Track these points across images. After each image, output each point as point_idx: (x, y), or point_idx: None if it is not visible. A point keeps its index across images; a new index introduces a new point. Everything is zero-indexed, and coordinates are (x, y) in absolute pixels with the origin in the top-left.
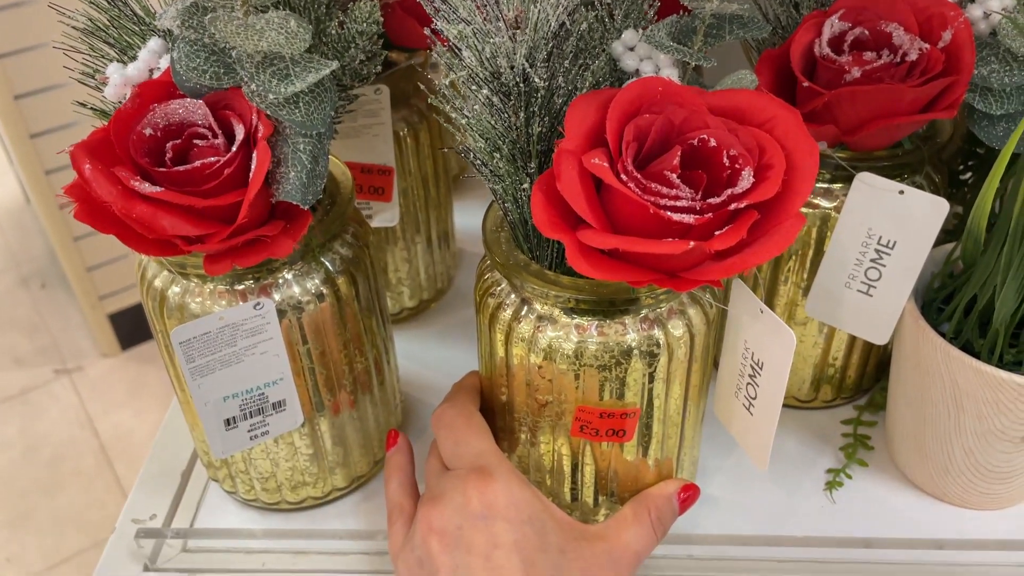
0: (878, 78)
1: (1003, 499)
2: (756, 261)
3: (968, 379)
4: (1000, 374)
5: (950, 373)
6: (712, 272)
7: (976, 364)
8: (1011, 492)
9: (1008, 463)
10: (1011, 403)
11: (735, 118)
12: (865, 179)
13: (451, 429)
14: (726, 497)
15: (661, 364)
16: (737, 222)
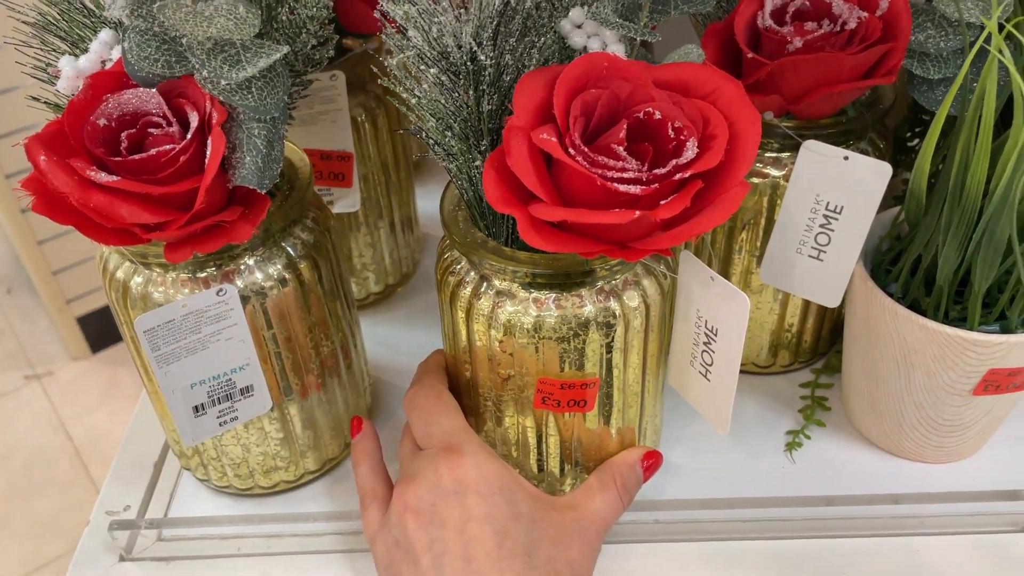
0: (819, 47)
1: (956, 452)
2: (702, 228)
3: (916, 336)
4: (945, 330)
5: (898, 331)
6: (661, 241)
7: (922, 321)
8: (963, 445)
9: (958, 416)
10: (957, 357)
11: (680, 91)
12: (811, 146)
13: (421, 410)
14: (689, 463)
15: (618, 334)
16: (682, 191)
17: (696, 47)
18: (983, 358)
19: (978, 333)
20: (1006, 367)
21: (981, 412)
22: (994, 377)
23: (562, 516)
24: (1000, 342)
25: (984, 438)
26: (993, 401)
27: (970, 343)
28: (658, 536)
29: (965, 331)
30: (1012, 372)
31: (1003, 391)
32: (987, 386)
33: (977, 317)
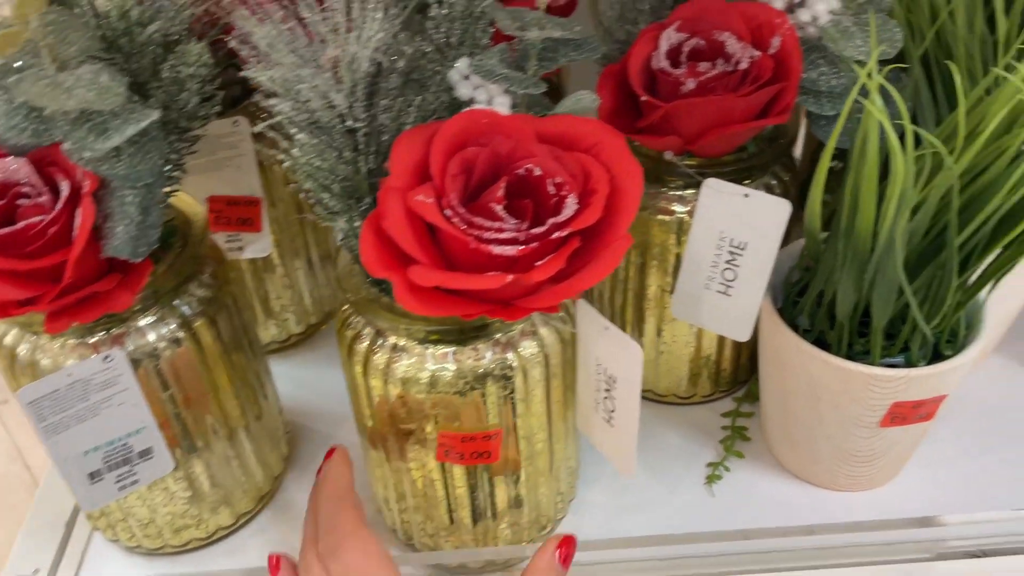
0: (712, 88)
1: (871, 480)
2: (583, 285)
3: (820, 371)
4: (847, 365)
5: (804, 366)
6: (543, 299)
7: (825, 357)
8: (877, 473)
9: (868, 447)
10: (861, 392)
11: (563, 144)
12: (712, 184)
13: (346, 565)
14: (609, 501)
15: (518, 385)
16: (559, 252)
17: (588, 93)
18: (886, 392)
19: (879, 368)
20: (910, 400)
21: (891, 442)
22: (899, 410)
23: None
24: (901, 376)
25: (899, 465)
26: (902, 431)
27: (872, 378)
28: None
29: (866, 366)
30: (917, 404)
31: (910, 422)
32: (893, 418)
33: (878, 352)
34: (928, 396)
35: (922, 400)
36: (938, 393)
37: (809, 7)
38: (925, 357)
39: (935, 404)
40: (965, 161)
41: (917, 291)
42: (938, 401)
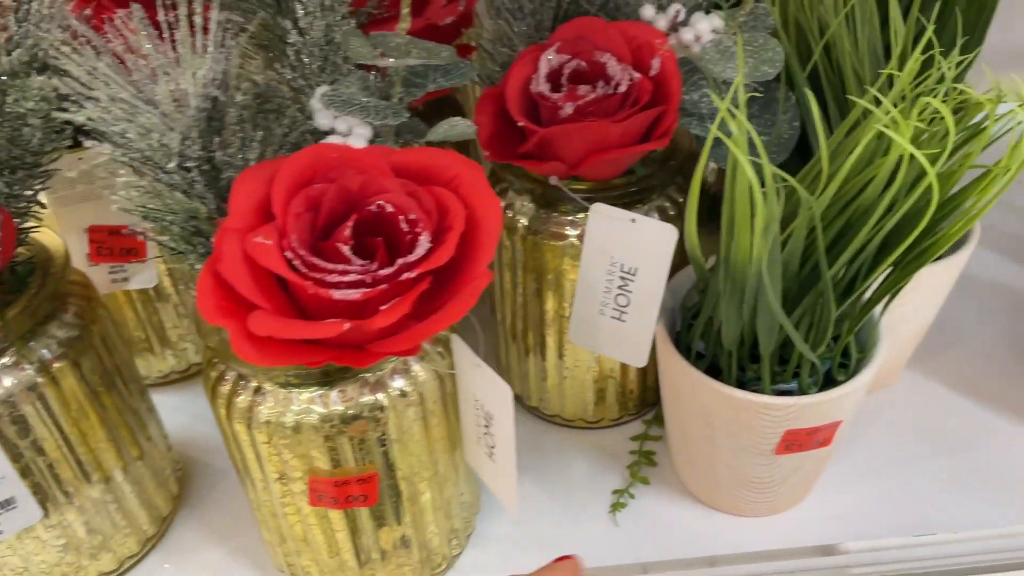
0: (590, 113)
1: (774, 506)
2: (439, 327)
3: (712, 399)
4: (736, 393)
5: (696, 393)
6: (397, 343)
7: (715, 385)
8: (777, 499)
9: (767, 474)
10: (752, 420)
11: (421, 178)
12: (598, 210)
13: None
14: (510, 533)
15: (391, 425)
16: (406, 295)
17: (462, 119)
18: (777, 420)
19: (768, 396)
20: (803, 427)
21: (790, 469)
22: (793, 437)
23: None
24: (790, 404)
25: (804, 489)
26: (800, 457)
27: (761, 406)
28: None
29: (755, 395)
30: (811, 431)
31: (807, 448)
32: (788, 445)
33: (768, 380)
34: (822, 423)
35: (817, 427)
36: (833, 419)
37: (692, 26)
38: (817, 383)
39: (831, 430)
40: (826, 199)
41: (802, 318)
42: (834, 427)
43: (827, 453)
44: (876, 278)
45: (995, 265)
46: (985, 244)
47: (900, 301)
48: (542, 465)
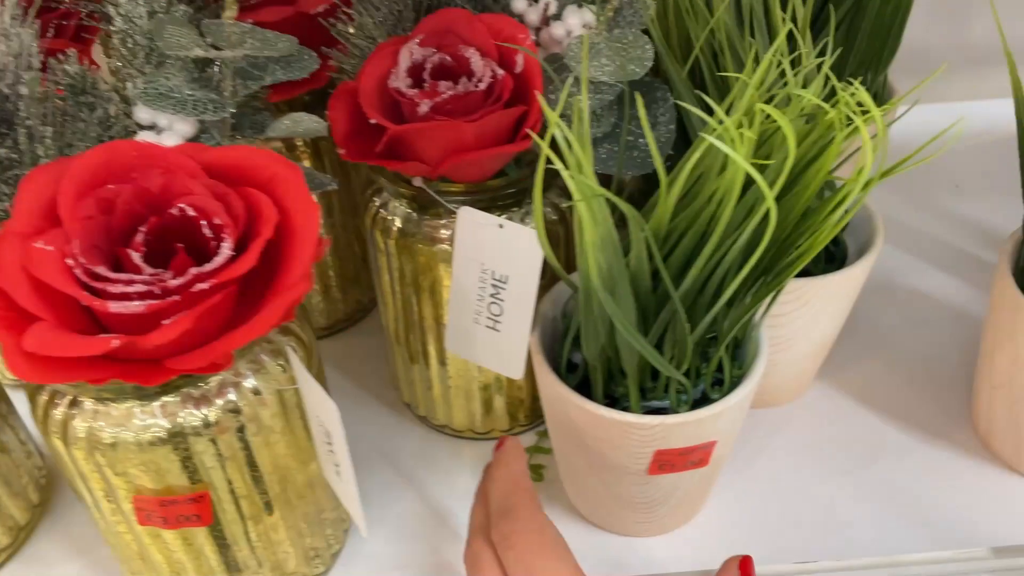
0: (448, 111)
1: (658, 526)
2: (237, 342)
3: (581, 417)
4: (600, 411)
5: (565, 409)
6: (194, 358)
7: (580, 401)
8: (662, 519)
9: (644, 494)
10: (620, 439)
11: (235, 179)
12: (466, 214)
13: (518, 554)
14: (385, 552)
15: (223, 443)
16: (191, 309)
17: (310, 115)
18: (645, 439)
19: (634, 415)
20: (674, 447)
21: (669, 488)
22: (665, 457)
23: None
24: (656, 424)
25: (690, 509)
26: (678, 477)
27: (627, 425)
28: None
29: (620, 413)
30: (683, 451)
31: (680, 469)
32: (661, 465)
33: (635, 398)
34: (694, 443)
35: (690, 447)
36: (706, 439)
37: (564, 20)
38: (688, 401)
39: (706, 451)
40: (664, 216)
41: (663, 336)
42: (709, 447)
43: (710, 472)
44: (740, 294)
45: (916, 272)
46: (907, 249)
47: (795, 315)
48: (427, 477)
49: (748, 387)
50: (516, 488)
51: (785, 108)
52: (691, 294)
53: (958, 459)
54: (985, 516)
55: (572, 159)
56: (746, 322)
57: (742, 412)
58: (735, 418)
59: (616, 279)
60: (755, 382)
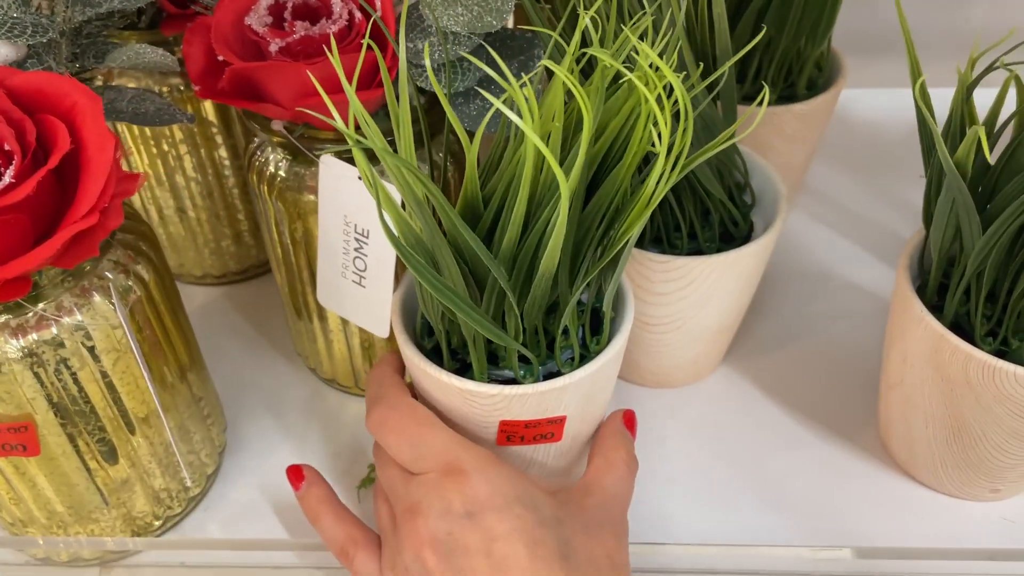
0: (298, 52)
1: None
2: (12, 272)
3: (426, 380)
4: (442, 376)
5: (415, 374)
6: None
7: (424, 365)
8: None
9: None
10: (464, 407)
11: (38, 105)
12: (327, 163)
13: (400, 432)
14: (254, 498)
15: (44, 373)
16: None
17: (154, 48)
18: (487, 409)
19: (474, 383)
20: (517, 419)
21: (524, 462)
22: (511, 429)
23: (583, 506)
24: (495, 393)
25: (557, 483)
26: (532, 451)
27: (468, 393)
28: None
29: (461, 380)
30: (529, 424)
31: (531, 442)
32: (509, 437)
33: (477, 366)
34: (539, 416)
35: (535, 420)
36: (552, 414)
37: None
38: (533, 374)
39: (555, 425)
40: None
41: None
42: (558, 422)
43: (568, 448)
44: (568, 268)
45: (858, 263)
46: (855, 239)
47: (680, 294)
48: (307, 430)
49: (595, 365)
50: (384, 380)
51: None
52: (514, 265)
53: (854, 458)
54: (867, 518)
55: None
56: (589, 295)
57: (597, 388)
58: (587, 393)
59: (436, 245)
60: (604, 360)
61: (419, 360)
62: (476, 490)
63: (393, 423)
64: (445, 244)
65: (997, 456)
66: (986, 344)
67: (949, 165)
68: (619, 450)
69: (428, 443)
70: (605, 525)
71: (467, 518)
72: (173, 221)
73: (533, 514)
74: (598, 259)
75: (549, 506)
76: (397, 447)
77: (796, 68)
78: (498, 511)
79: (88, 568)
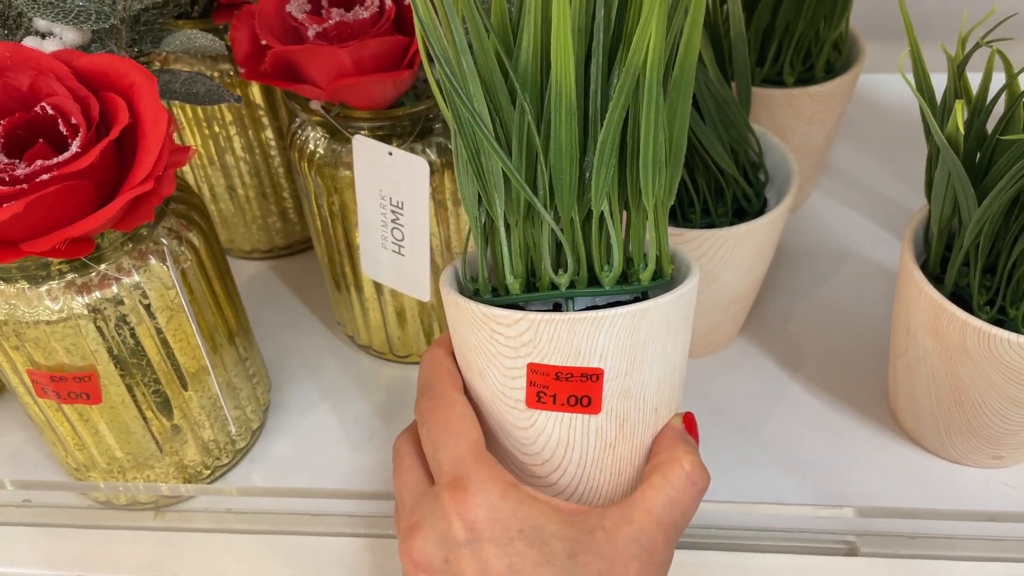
0: (333, 36)
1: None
2: (73, 233)
3: (454, 315)
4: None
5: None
6: (37, 245)
7: (455, 296)
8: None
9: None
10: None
11: (101, 84)
12: (359, 141)
13: (430, 428)
14: (292, 453)
15: (106, 328)
16: (23, 197)
17: (203, 33)
18: (514, 345)
19: (496, 308)
20: (546, 362)
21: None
22: (541, 380)
23: (612, 538)
24: (519, 318)
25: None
26: (567, 430)
27: (492, 321)
28: (243, 523)
29: (486, 307)
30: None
31: (562, 407)
32: (540, 395)
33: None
34: (571, 363)
35: (567, 367)
36: (584, 362)
37: None
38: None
39: (591, 383)
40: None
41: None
42: (593, 376)
43: (612, 433)
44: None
45: (878, 242)
46: (876, 219)
47: (699, 263)
48: (345, 392)
49: (636, 307)
50: (438, 369)
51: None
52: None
53: (864, 426)
54: (873, 482)
55: None
56: None
57: (646, 344)
58: (632, 346)
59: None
60: (648, 306)
61: (449, 291)
62: (476, 514)
63: (428, 416)
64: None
65: (997, 423)
66: (984, 313)
67: (941, 139)
68: (680, 462)
69: (448, 449)
70: (633, 563)
71: (465, 546)
72: (224, 199)
73: (536, 550)
74: None
75: (563, 539)
76: (425, 444)
77: (815, 51)
78: (497, 544)
79: (144, 511)
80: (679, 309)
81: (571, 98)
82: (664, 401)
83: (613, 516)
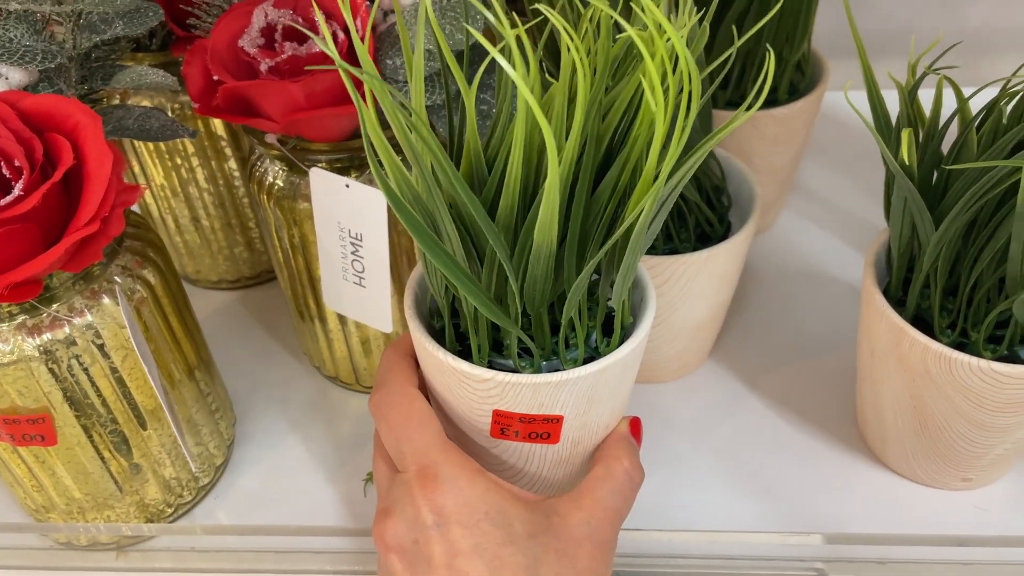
0: (285, 71)
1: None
2: (16, 277)
3: (426, 359)
4: (438, 353)
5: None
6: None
7: (424, 341)
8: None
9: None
10: (458, 388)
11: (45, 125)
12: (316, 174)
13: (390, 423)
14: (260, 487)
15: (58, 369)
16: None
17: (156, 70)
18: (480, 394)
19: (468, 364)
20: (511, 411)
21: (520, 461)
22: (505, 420)
23: (566, 521)
24: (488, 377)
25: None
26: (527, 449)
27: (461, 374)
28: (192, 565)
29: (456, 359)
30: (524, 418)
31: (524, 439)
32: (503, 430)
33: (476, 347)
34: (533, 411)
35: (530, 415)
36: (547, 411)
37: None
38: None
39: (551, 424)
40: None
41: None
42: (554, 421)
43: (567, 455)
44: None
45: (850, 263)
46: (847, 240)
47: (659, 291)
48: (312, 424)
49: (597, 366)
50: (394, 365)
51: None
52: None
53: (833, 450)
54: (843, 507)
55: None
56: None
57: (601, 393)
58: (589, 397)
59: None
60: (609, 363)
61: (420, 335)
62: (444, 500)
63: (386, 412)
64: (444, 205)
65: (963, 446)
66: (946, 336)
67: (895, 165)
68: (621, 459)
69: (412, 441)
70: (584, 543)
71: (434, 528)
72: (188, 230)
73: (501, 531)
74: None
75: (524, 522)
76: (384, 438)
77: (778, 72)
78: (464, 526)
79: (106, 552)
80: (634, 354)
81: (551, 247)
82: (615, 419)
83: (565, 503)
